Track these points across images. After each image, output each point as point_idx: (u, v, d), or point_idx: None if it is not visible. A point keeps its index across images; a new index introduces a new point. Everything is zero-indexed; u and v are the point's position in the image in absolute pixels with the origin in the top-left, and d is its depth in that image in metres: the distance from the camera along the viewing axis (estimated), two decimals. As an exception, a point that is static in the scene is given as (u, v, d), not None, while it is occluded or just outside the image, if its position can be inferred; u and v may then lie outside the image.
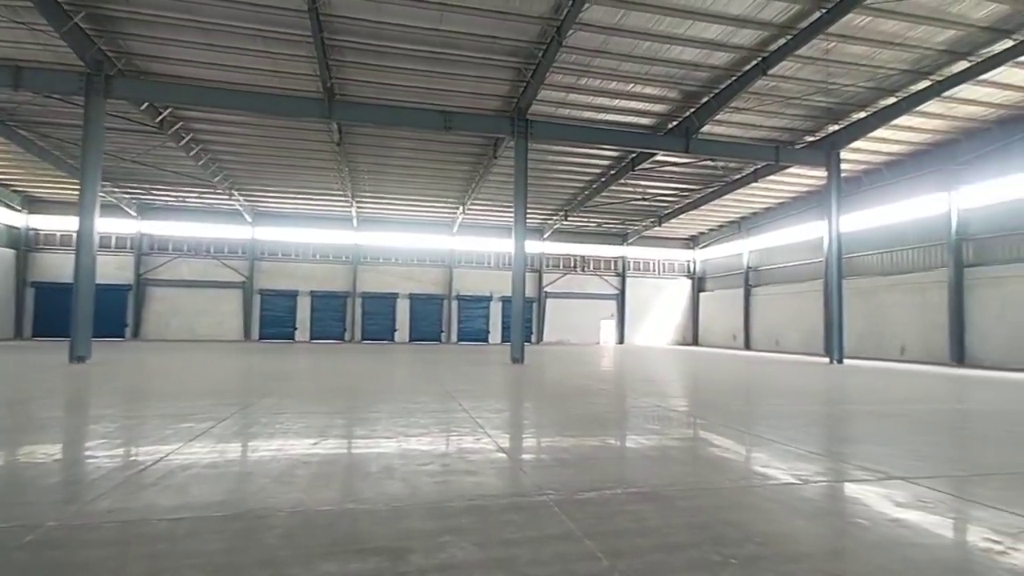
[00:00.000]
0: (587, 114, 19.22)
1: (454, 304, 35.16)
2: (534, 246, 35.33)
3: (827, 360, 20.93)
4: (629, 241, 37.75)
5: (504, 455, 5.22)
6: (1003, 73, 15.81)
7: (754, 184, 25.28)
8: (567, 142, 20.34)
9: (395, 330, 34.21)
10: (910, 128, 20.03)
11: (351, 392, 9.96)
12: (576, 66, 16.18)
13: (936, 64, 15.90)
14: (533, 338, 36.02)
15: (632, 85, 17.29)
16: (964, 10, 13.56)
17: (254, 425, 6.36)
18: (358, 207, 31.12)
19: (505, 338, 33.85)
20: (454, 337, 34.95)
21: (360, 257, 34.13)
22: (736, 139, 20.89)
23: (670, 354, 26.57)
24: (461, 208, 30.61)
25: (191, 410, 7.22)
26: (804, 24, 14.07)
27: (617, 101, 18.35)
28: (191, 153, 22.17)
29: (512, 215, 18.39)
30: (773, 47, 15.11)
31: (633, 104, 18.57)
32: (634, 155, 22.67)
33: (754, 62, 15.79)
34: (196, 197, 29.37)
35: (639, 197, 28.63)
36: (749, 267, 33.64)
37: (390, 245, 34.77)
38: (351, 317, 33.65)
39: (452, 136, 19.92)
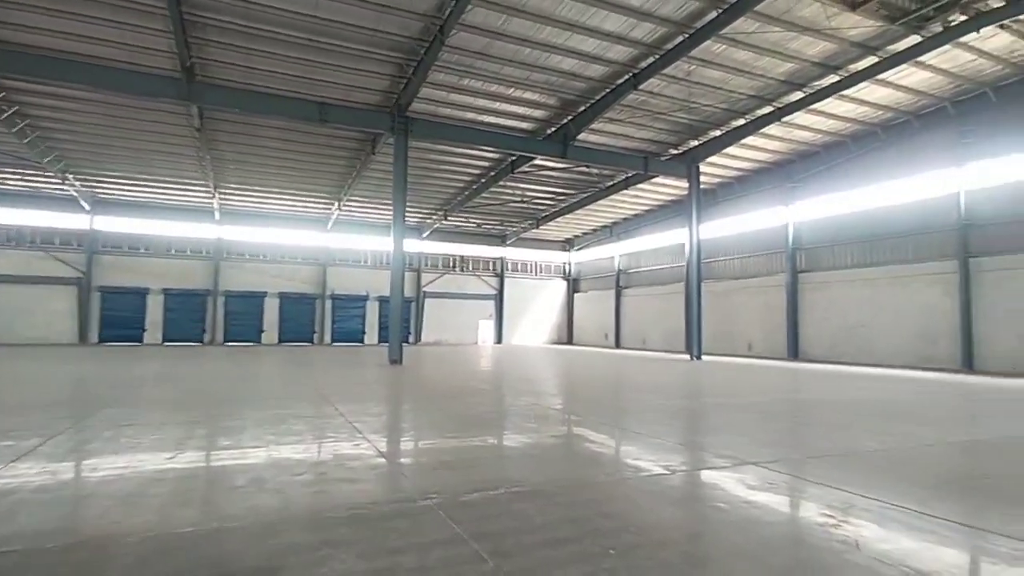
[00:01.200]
0: (469, 115, 19.28)
1: (328, 304, 33.58)
2: (413, 245, 34.79)
3: (687, 357, 22.80)
4: (508, 242, 38.48)
5: (384, 460, 5.06)
6: (829, 104, 18.26)
7: (625, 191, 26.92)
8: (448, 142, 20.24)
9: (263, 331, 31.92)
10: (756, 148, 22.49)
11: (212, 399, 9.12)
12: (459, 66, 16.16)
13: (777, 92, 17.96)
14: (411, 338, 35.45)
15: (513, 89, 17.63)
16: (800, 47, 15.45)
17: (94, 440, 5.59)
18: (221, 199, 28.63)
19: (382, 338, 33.01)
20: (328, 338, 33.41)
21: (223, 253, 31.39)
22: (610, 148, 22.08)
23: (546, 353, 27.47)
24: (337, 204, 29.32)
25: (11, 426, 6.18)
26: (670, 46, 15.21)
27: (499, 104, 18.61)
28: (14, 129, 19.02)
29: (391, 213, 17.95)
30: (643, 64, 16.17)
31: (514, 108, 18.94)
32: (514, 158, 23.12)
33: (626, 76, 16.78)
34: (18, 179, 25.29)
35: (518, 199, 29.29)
36: (620, 270, 35.73)
37: (258, 240, 32.30)
38: (212, 317, 30.85)
39: (328, 129, 19.03)
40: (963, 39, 14.32)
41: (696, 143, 22.03)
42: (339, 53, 15.22)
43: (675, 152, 22.94)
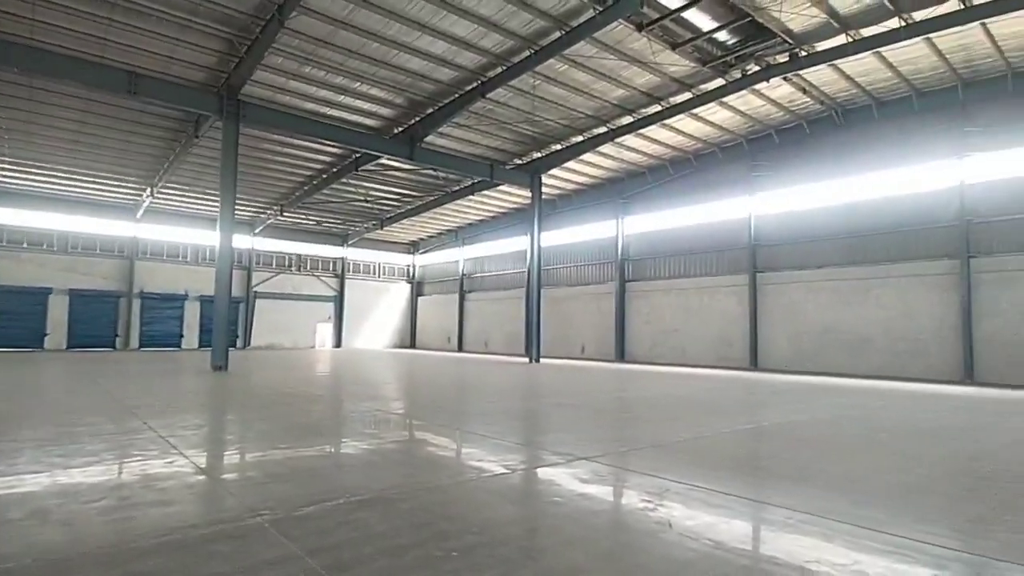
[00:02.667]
0: (310, 105, 18.21)
1: (136, 303, 29.43)
2: (243, 241, 31.99)
3: (527, 360, 23.77)
4: (350, 242, 37.03)
5: (205, 477, 4.56)
6: (653, 131, 20.37)
7: (471, 197, 27.37)
8: (286, 132, 18.89)
9: (46, 334, 26.96)
10: (593, 164, 24.27)
11: (-27, 417, 7.47)
12: (300, 52, 15.20)
13: (611, 114, 19.56)
14: (239, 342, 32.50)
15: (359, 84, 17.03)
16: (631, 76, 17.00)
17: None
18: (-9, 174, 23.75)
19: (204, 342, 29.79)
20: (135, 342, 29.26)
21: (-8, 240, 26.03)
22: (457, 153, 22.30)
23: (388, 357, 26.88)
24: (149, 190, 25.84)
25: None
26: (517, 59, 15.80)
27: (343, 97, 17.84)
28: None
29: (217, 204, 16.28)
30: (491, 74, 16.59)
31: (360, 103, 18.30)
32: (358, 155, 22.31)
33: (475, 84, 17.08)
34: None
35: (362, 198, 28.34)
36: (464, 274, 36.20)
37: (41, 226, 27.16)
38: (-26, 318, 25.37)
39: (140, 104, 16.72)
40: (756, 86, 16.91)
41: (539, 155, 23.15)
42: (156, 18, 13.46)
43: (520, 162, 23.88)
